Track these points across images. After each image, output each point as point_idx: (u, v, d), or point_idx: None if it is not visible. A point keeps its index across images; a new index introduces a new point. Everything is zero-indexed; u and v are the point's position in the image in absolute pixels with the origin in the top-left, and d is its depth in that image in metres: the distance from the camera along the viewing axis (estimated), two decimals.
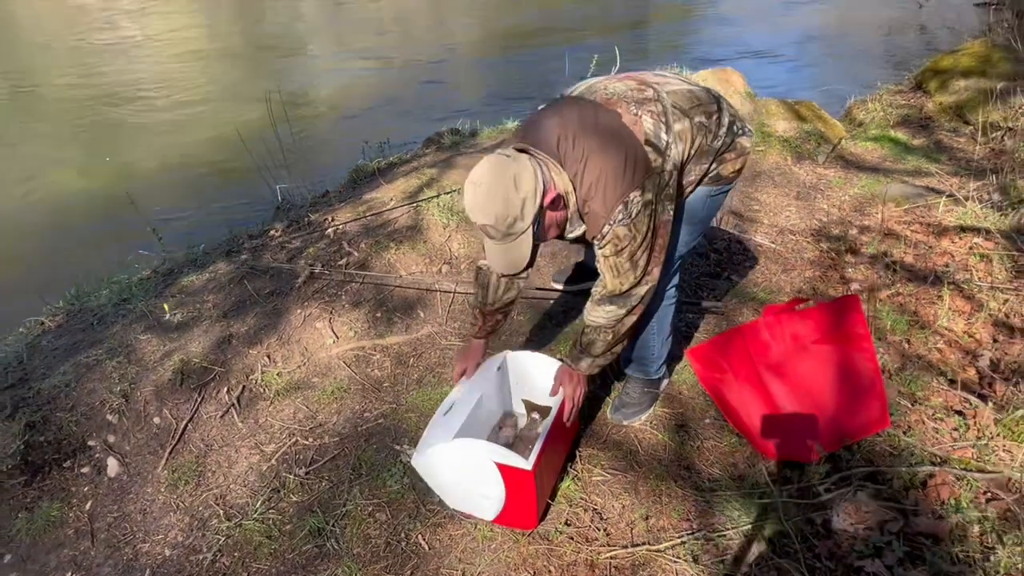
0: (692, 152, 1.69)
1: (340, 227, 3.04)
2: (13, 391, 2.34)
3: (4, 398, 2.31)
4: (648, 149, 1.56)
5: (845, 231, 3.28)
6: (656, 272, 1.68)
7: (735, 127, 1.78)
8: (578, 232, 1.66)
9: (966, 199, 3.35)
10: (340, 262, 2.82)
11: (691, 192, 1.79)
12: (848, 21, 10.12)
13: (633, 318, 1.72)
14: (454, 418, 1.78)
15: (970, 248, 3.01)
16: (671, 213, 1.68)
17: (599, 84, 1.68)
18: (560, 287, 2.78)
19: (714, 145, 1.73)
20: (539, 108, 1.71)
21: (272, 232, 3.14)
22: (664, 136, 1.60)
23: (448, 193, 3.17)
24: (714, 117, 1.73)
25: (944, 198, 3.38)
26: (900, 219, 3.37)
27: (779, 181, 3.86)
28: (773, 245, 3.17)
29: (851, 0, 11.21)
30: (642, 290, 1.68)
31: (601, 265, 1.65)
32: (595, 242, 1.62)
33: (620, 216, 1.54)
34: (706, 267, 2.97)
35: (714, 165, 1.76)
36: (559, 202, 1.54)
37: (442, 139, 4.29)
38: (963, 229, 3.18)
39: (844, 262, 3.05)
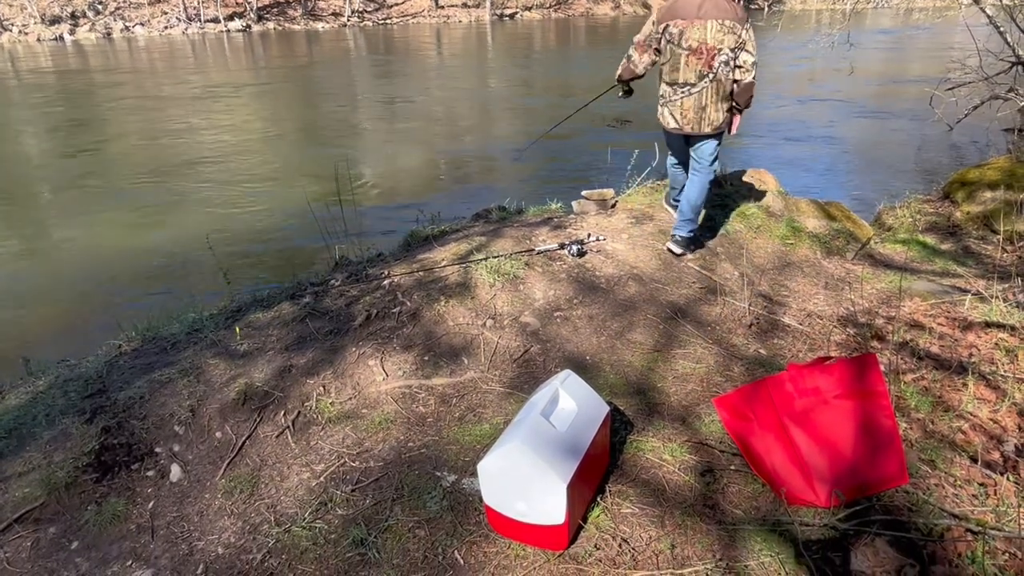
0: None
1: (395, 280, 3.31)
2: (93, 399, 2.58)
3: (85, 405, 2.54)
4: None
5: (872, 319, 3.41)
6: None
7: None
8: None
9: (992, 298, 3.47)
10: (394, 310, 3.06)
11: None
12: (880, 139, 10.56)
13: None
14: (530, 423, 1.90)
15: (995, 343, 3.10)
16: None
17: None
18: None
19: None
20: None
21: (332, 282, 3.42)
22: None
23: (496, 257, 3.44)
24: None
25: (970, 296, 3.51)
26: (926, 312, 3.50)
27: (808, 272, 4.05)
28: (801, 327, 3.32)
29: (884, 121, 11.72)
30: None
31: None
32: None
33: None
34: (735, 340, 3.13)
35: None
36: None
37: (490, 214, 4.62)
38: (988, 324, 3.28)
39: (870, 347, 3.17)
